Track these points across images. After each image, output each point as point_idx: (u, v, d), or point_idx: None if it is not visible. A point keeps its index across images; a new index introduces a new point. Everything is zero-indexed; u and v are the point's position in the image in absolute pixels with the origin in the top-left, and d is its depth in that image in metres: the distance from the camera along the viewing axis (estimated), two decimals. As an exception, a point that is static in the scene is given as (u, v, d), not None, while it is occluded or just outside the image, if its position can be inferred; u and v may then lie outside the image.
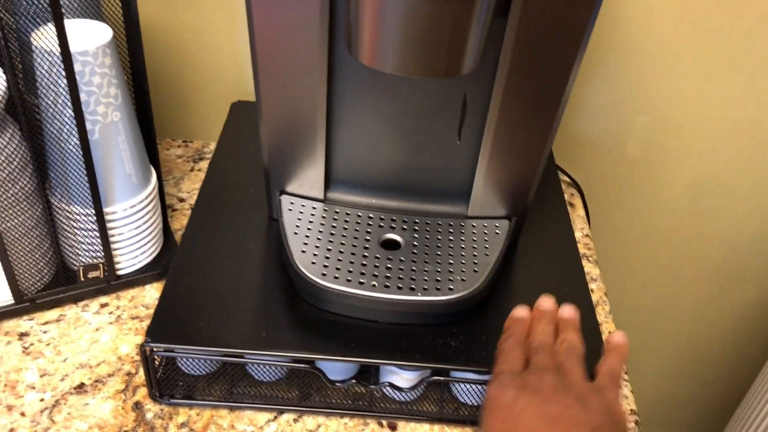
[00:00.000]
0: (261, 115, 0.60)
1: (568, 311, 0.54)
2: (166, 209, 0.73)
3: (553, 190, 0.79)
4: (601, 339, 0.59)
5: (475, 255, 0.61)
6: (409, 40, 0.44)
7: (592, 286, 0.74)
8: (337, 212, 0.64)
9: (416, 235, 0.62)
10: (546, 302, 0.55)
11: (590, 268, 0.77)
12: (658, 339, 1.15)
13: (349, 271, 0.58)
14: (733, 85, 0.83)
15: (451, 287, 0.57)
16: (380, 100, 0.60)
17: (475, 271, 0.59)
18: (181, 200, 0.81)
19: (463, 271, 0.59)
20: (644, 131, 0.87)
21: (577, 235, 0.81)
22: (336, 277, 0.57)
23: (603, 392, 0.48)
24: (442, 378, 0.57)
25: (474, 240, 0.62)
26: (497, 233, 0.64)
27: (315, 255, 0.59)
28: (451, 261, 0.59)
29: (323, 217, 0.63)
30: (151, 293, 0.69)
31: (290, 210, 0.64)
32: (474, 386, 0.58)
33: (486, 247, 0.62)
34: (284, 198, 0.65)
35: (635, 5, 0.77)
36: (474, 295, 0.57)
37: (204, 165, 0.86)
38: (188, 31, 0.81)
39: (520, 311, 0.55)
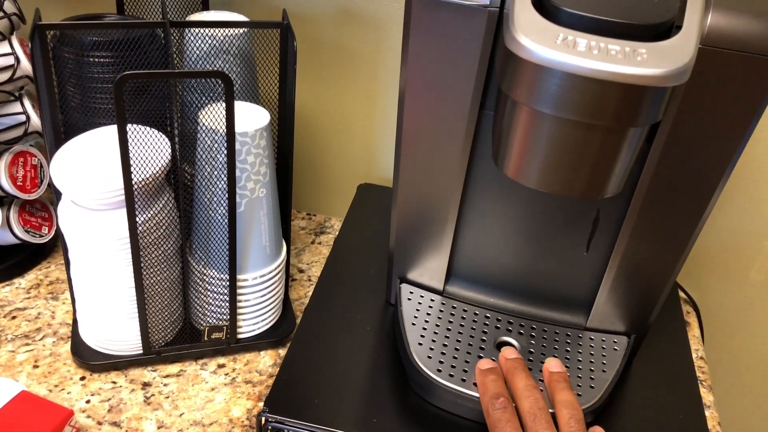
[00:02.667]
0: (396, 201, 0.63)
1: (555, 365, 0.56)
2: (288, 281, 0.76)
3: (671, 307, 0.77)
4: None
5: (591, 370, 0.60)
6: (555, 161, 0.46)
7: (705, 413, 0.71)
8: (454, 307, 0.65)
9: (532, 341, 0.63)
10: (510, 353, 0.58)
11: (704, 394, 0.74)
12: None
13: (464, 371, 0.58)
14: None
15: (566, 400, 0.57)
16: (513, 204, 0.61)
17: (591, 387, 0.58)
18: (301, 271, 0.84)
19: (579, 386, 0.58)
20: (771, 257, 0.85)
21: (692, 357, 0.78)
22: (451, 375, 0.58)
23: None
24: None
25: (591, 354, 0.62)
26: (615, 349, 0.63)
27: (431, 349, 0.60)
28: (567, 374, 0.59)
29: (440, 310, 0.65)
30: (266, 359, 0.72)
31: (409, 300, 0.66)
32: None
33: (603, 363, 0.61)
34: (404, 286, 0.67)
35: (772, 130, 0.77)
36: (589, 412, 0.57)
37: (325, 239, 0.90)
38: (328, 114, 0.87)
39: (487, 363, 0.58)
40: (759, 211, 0.82)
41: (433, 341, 0.61)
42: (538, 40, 0.40)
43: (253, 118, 0.63)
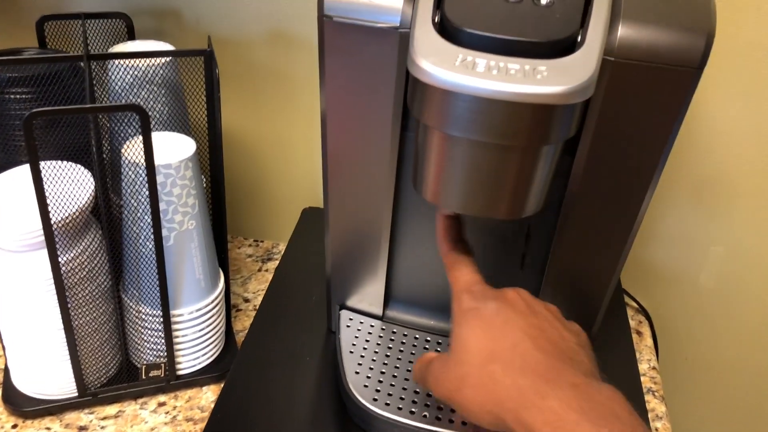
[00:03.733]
0: (327, 228, 0.62)
1: None
2: (230, 311, 0.74)
3: (619, 316, 0.77)
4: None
5: (532, 390, 0.59)
6: (472, 184, 0.45)
7: (657, 424, 0.70)
8: (394, 332, 0.64)
9: (473, 363, 0.61)
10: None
11: (656, 404, 0.73)
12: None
13: (401, 398, 0.57)
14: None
15: (505, 423, 0.56)
16: (445, 225, 0.60)
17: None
18: (246, 300, 0.83)
19: (518, 407, 0.57)
20: (718, 262, 0.85)
21: (644, 366, 0.78)
22: (387, 404, 0.56)
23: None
24: None
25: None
26: (557, 367, 0.62)
27: (368, 378, 0.59)
28: None
29: (380, 336, 0.64)
30: (208, 395, 0.70)
31: (348, 326, 0.64)
32: None
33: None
34: (343, 313, 0.66)
35: (710, 135, 0.77)
36: None
37: (272, 266, 0.89)
38: (268, 139, 0.85)
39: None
40: (703, 217, 0.82)
41: (371, 368, 0.60)
42: (436, 62, 0.39)
43: (178, 148, 0.61)
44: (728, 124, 0.75)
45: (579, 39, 0.42)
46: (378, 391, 0.58)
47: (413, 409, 0.56)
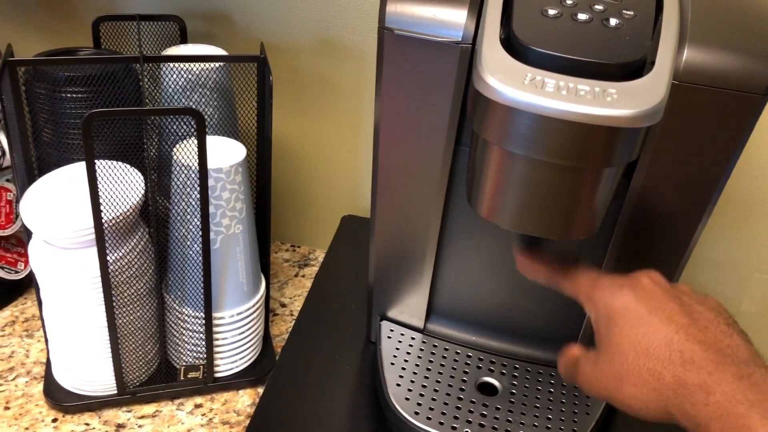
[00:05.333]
0: (373, 238, 0.62)
1: None
2: (268, 316, 0.75)
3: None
4: None
5: (575, 412, 0.58)
6: (528, 202, 0.45)
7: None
8: (435, 346, 0.64)
9: (515, 382, 0.61)
10: None
11: (695, 431, 0.72)
12: None
13: (443, 413, 0.57)
14: None
15: (548, 444, 0.55)
16: (493, 240, 0.60)
17: (574, 430, 0.57)
18: (283, 305, 0.83)
19: (561, 429, 0.57)
20: (762, 289, 0.83)
21: (683, 392, 0.76)
22: (428, 418, 0.56)
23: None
24: None
25: (575, 395, 0.60)
26: (599, 389, 0.61)
27: (410, 390, 0.58)
28: (550, 416, 0.57)
29: (421, 349, 0.63)
30: (244, 399, 0.70)
31: (389, 338, 0.64)
32: None
33: (587, 405, 0.59)
34: (384, 324, 0.65)
35: (757, 160, 0.75)
36: (572, 456, 0.55)
37: (308, 271, 0.89)
38: (311, 145, 0.86)
39: None
40: (747, 243, 0.80)
41: (412, 381, 0.60)
42: (505, 80, 0.39)
43: (228, 153, 0.62)
44: (779, 150, 0.74)
45: (648, 62, 0.41)
46: (419, 404, 0.57)
47: (455, 425, 0.56)
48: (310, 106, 0.83)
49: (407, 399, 0.58)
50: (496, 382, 0.61)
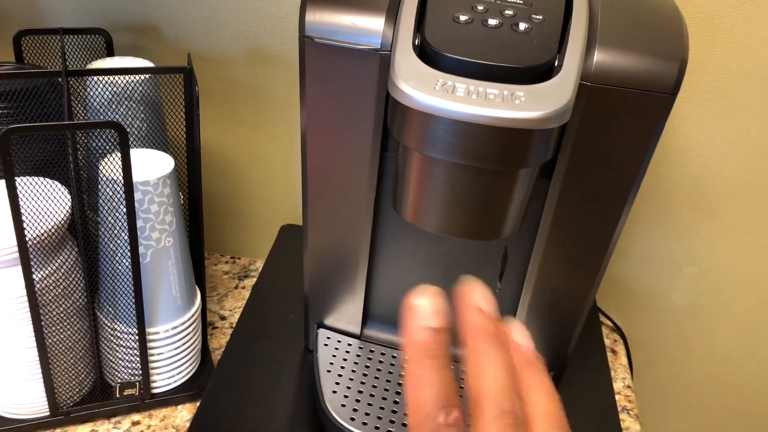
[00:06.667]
0: (306, 247, 0.62)
1: (522, 337, 0.32)
2: (206, 329, 0.74)
3: (594, 335, 0.78)
4: None
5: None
6: (451, 205, 0.46)
7: (630, 442, 0.71)
8: (372, 350, 0.64)
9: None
10: (478, 295, 0.33)
11: (630, 423, 0.74)
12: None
13: (378, 417, 0.57)
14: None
15: (482, 443, 0.56)
16: (422, 244, 0.61)
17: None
18: (223, 318, 0.82)
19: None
20: (691, 282, 0.86)
21: (618, 385, 0.78)
22: (364, 423, 0.56)
23: None
24: None
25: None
26: (533, 386, 0.62)
27: (346, 397, 0.59)
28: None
29: (358, 354, 0.63)
30: (183, 414, 0.69)
31: (326, 345, 0.64)
32: None
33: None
34: (321, 332, 0.65)
35: (683, 156, 0.78)
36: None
37: (249, 283, 0.88)
38: (246, 154, 0.85)
39: (427, 302, 0.32)
40: (674, 237, 0.83)
41: (349, 387, 0.60)
42: (417, 86, 0.39)
43: (156, 165, 0.61)
44: (701, 146, 0.77)
45: (556, 64, 0.42)
46: (356, 410, 0.57)
47: (391, 429, 0.56)
48: (245, 116, 0.82)
49: (343, 405, 0.58)
50: (431, 384, 0.61)
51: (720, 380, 0.94)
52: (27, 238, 0.55)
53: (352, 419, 0.56)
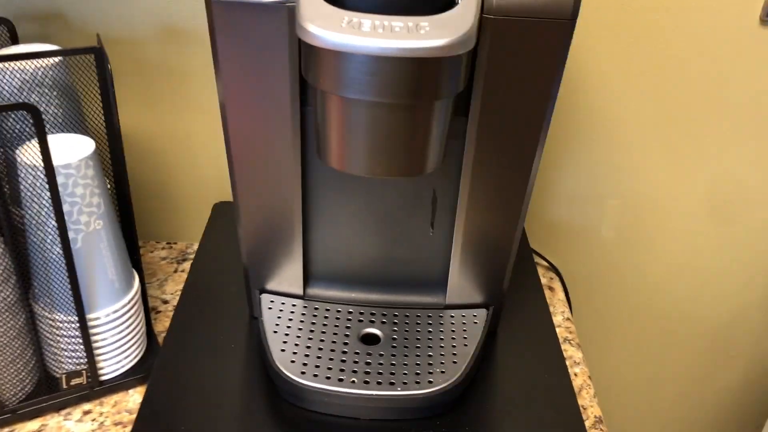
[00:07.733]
0: (239, 216, 0.62)
1: None
2: (149, 312, 0.73)
3: (530, 275, 0.80)
4: (582, 425, 0.59)
5: (454, 346, 0.61)
6: (373, 145, 0.47)
7: (575, 369, 0.74)
8: (316, 308, 0.65)
9: (395, 329, 0.63)
10: None
11: (573, 352, 0.77)
12: (645, 420, 1.13)
13: (329, 368, 0.58)
14: (696, 166, 0.87)
15: (431, 380, 0.58)
16: (353, 197, 0.62)
17: (454, 362, 0.60)
18: (165, 302, 0.82)
19: (442, 363, 0.59)
20: (616, 214, 0.90)
21: (558, 318, 0.82)
22: (315, 375, 0.57)
23: None
24: (426, 473, 0.57)
25: (453, 330, 0.63)
26: (475, 322, 0.65)
27: (294, 354, 0.59)
28: (431, 353, 0.60)
29: (302, 314, 0.64)
30: (135, 398, 0.69)
31: (270, 308, 0.65)
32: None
33: (465, 338, 0.63)
34: (264, 297, 0.66)
35: (593, 92, 0.81)
36: (454, 387, 0.58)
37: (187, 266, 0.88)
38: (170, 136, 0.84)
39: None
40: (595, 173, 0.87)
41: (296, 345, 0.61)
42: (323, 25, 0.40)
43: (76, 148, 0.60)
44: (610, 79, 0.80)
45: (458, -4, 0.44)
46: (305, 364, 0.58)
47: (341, 377, 0.57)
48: (164, 97, 0.82)
49: (293, 362, 0.59)
50: (377, 332, 0.63)
51: (651, 305, 0.99)
52: (-52, 233, 0.54)
53: (303, 373, 0.57)
